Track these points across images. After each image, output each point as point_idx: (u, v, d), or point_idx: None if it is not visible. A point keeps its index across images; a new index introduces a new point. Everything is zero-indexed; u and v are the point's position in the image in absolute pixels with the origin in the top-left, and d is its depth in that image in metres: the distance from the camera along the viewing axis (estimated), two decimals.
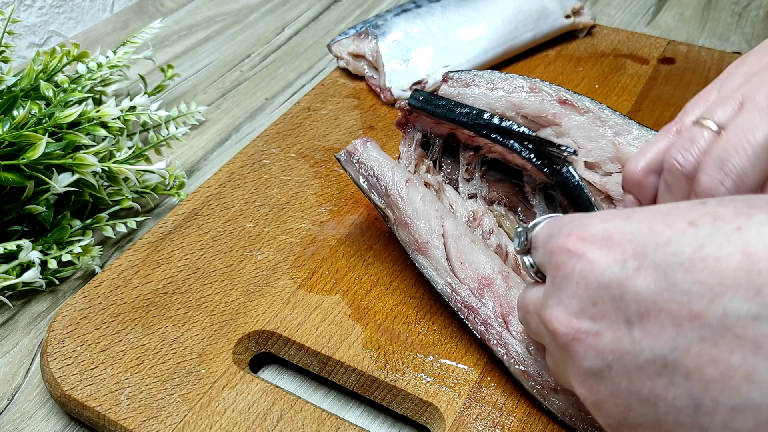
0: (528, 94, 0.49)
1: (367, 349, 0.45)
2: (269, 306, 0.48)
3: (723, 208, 0.27)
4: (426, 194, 0.47)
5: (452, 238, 0.46)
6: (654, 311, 0.27)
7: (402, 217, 0.47)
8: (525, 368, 0.41)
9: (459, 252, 0.45)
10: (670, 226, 0.28)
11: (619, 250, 0.28)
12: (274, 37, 0.82)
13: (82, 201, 0.55)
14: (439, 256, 0.45)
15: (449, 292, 0.45)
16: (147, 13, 0.88)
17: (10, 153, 0.51)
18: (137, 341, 0.45)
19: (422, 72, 0.67)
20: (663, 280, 0.27)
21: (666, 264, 0.27)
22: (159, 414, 0.42)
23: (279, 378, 0.47)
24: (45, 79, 0.60)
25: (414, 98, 0.50)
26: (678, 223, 0.28)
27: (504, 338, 0.42)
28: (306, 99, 0.66)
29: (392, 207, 0.47)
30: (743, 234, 0.26)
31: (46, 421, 0.45)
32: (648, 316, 0.27)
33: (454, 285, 0.45)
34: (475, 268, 0.45)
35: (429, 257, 0.46)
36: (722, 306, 0.25)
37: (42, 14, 0.85)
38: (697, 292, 0.26)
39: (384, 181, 0.47)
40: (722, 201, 0.28)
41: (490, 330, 0.43)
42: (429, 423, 0.43)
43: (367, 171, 0.48)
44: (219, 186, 0.57)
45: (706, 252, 0.26)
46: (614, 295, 0.28)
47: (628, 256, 0.28)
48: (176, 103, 0.70)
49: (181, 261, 0.51)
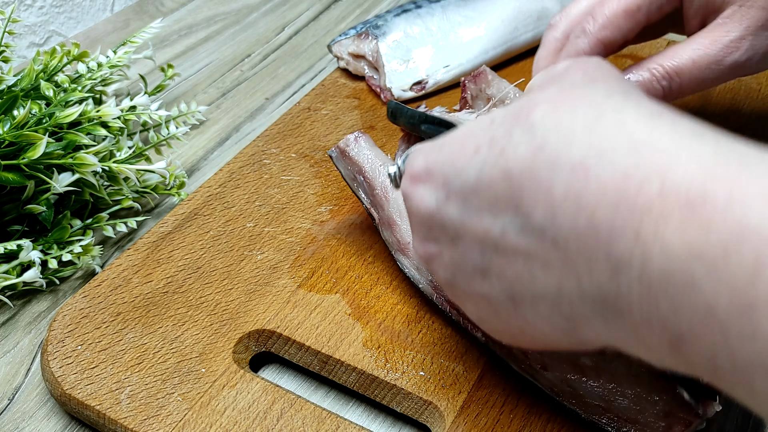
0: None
1: (367, 348, 0.45)
2: (269, 305, 0.48)
3: (499, 126, 0.30)
4: None
5: None
6: (463, 231, 0.32)
7: (386, 217, 0.47)
8: (510, 352, 0.42)
9: None
10: (464, 153, 0.31)
11: (434, 182, 0.33)
12: (274, 36, 0.82)
13: (82, 201, 0.55)
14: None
15: (431, 290, 0.45)
16: (147, 12, 0.88)
17: (11, 153, 0.51)
18: (137, 340, 0.45)
19: (422, 72, 0.67)
20: (463, 205, 0.31)
21: (463, 189, 0.31)
22: (159, 413, 0.42)
23: (279, 377, 0.47)
24: (45, 78, 0.60)
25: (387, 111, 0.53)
26: (469, 149, 0.31)
27: None
28: (306, 99, 0.67)
29: (377, 207, 0.47)
30: (504, 155, 0.29)
31: (46, 420, 0.45)
32: (462, 236, 0.32)
33: (435, 282, 0.45)
34: None
35: (411, 257, 0.46)
36: (500, 223, 0.30)
37: (42, 14, 0.85)
38: (485, 212, 0.30)
39: (370, 179, 0.48)
40: (505, 115, 0.30)
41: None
42: (429, 422, 0.43)
43: (355, 169, 0.49)
44: (219, 186, 0.57)
45: (484, 175, 0.30)
46: (438, 222, 0.33)
47: (439, 186, 0.32)
48: (176, 103, 0.70)
49: (181, 260, 0.51)
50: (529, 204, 0.28)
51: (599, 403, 0.40)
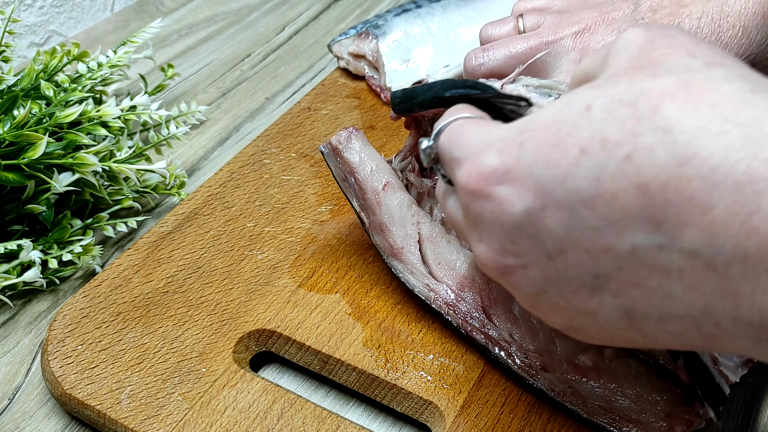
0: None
1: (367, 348, 0.45)
2: (270, 305, 0.48)
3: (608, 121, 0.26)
4: (403, 199, 0.47)
5: (428, 240, 0.46)
6: (569, 246, 0.28)
7: (377, 222, 0.46)
8: (511, 352, 0.42)
9: (436, 254, 0.45)
10: (563, 154, 0.27)
11: (521, 186, 0.28)
12: (275, 36, 0.82)
13: (82, 200, 0.55)
14: (414, 261, 0.45)
15: (427, 293, 0.45)
16: (147, 12, 0.88)
17: (11, 153, 0.51)
18: (138, 340, 0.45)
19: (423, 72, 0.67)
20: (570, 218, 0.27)
21: (569, 201, 0.27)
22: (159, 413, 0.42)
23: (279, 377, 0.47)
24: (45, 78, 0.60)
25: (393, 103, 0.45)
26: (569, 149, 0.27)
27: (486, 328, 0.43)
28: (306, 99, 0.67)
29: (368, 211, 0.47)
30: (633, 163, 0.25)
31: (47, 420, 0.45)
32: (565, 251, 0.28)
33: (431, 285, 0.45)
34: (453, 266, 0.45)
35: (404, 262, 0.46)
36: (629, 240, 0.26)
37: (42, 14, 0.85)
38: (603, 227, 0.26)
39: (362, 182, 0.47)
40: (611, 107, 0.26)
41: (471, 323, 0.43)
42: (429, 422, 0.43)
43: (346, 169, 0.47)
44: (219, 185, 0.57)
45: (603, 187, 0.26)
46: (529, 234, 0.29)
47: (531, 193, 0.28)
48: (176, 103, 0.70)
49: (181, 260, 0.51)
50: (676, 223, 0.25)
51: (600, 403, 0.40)
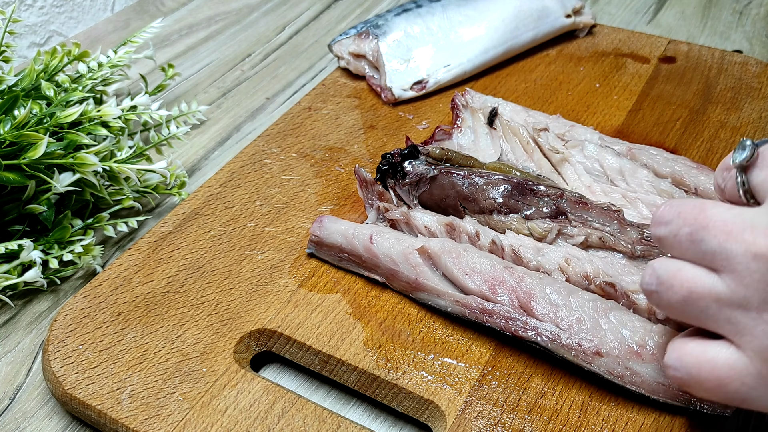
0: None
1: (368, 348, 0.45)
2: (270, 305, 0.48)
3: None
4: (392, 237, 0.48)
5: (445, 255, 0.46)
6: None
7: (385, 271, 0.48)
8: (562, 342, 0.42)
9: (459, 265, 0.45)
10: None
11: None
12: (275, 36, 0.82)
13: (83, 200, 0.55)
14: (433, 285, 0.46)
15: (460, 309, 0.45)
16: (147, 12, 0.88)
17: (12, 153, 0.51)
18: (138, 340, 0.46)
19: (423, 72, 0.67)
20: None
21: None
22: (160, 412, 0.42)
23: (280, 377, 0.47)
24: (46, 78, 0.60)
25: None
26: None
27: (531, 324, 0.43)
28: (307, 99, 0.67)
29: (372, 268, 0.48)
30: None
31: (47, 420, 0.45)
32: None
33: (462, 300, 0.45)
34: (481, 272, 0.45)
35: (427, 290, 0.46)
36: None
37: (43, 14, 0.85)
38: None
39: (350, 250, 0.48)
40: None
41: (513, 323, 0.43)
42: (430, 421, 0.43)
43: (335, 250, 0.49)
44: (220, 185, 0.57)
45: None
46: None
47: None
48: (177, 103, 0.70)
49: (182, 260, 0.51)
50: None
51: (661, 380, 0.41)
